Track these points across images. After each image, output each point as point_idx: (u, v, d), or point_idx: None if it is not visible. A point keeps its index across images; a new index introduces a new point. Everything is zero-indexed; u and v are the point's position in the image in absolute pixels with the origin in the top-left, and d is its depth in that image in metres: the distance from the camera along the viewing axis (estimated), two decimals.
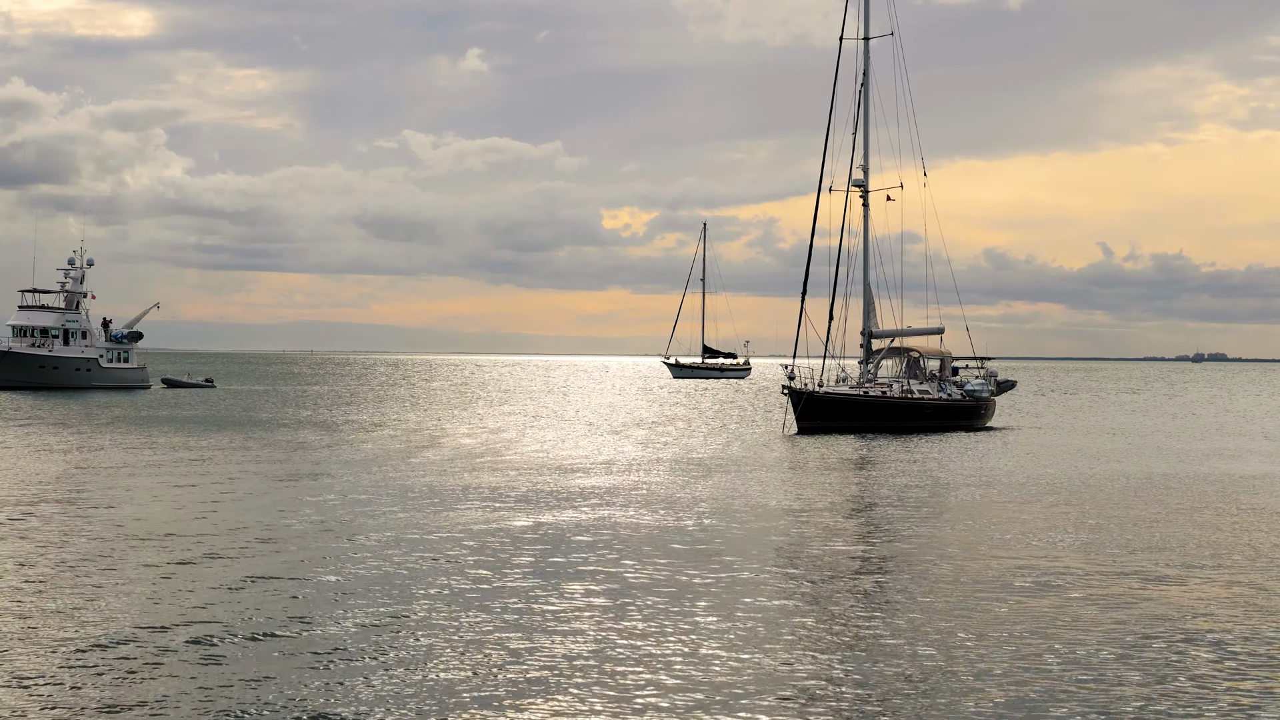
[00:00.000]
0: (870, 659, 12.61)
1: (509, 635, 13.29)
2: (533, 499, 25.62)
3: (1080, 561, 18.60)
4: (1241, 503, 26.62)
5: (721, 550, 19.24)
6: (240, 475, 29.87)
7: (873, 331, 56.77)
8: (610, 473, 31.78)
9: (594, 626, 13.81)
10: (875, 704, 11.08)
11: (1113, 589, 16.44)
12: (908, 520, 23.20)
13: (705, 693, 11.31)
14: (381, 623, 13.78)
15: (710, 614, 14.49)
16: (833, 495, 27.34)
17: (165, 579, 16.22)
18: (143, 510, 23.04)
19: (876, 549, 19.84)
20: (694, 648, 12.89)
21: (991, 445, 43.35)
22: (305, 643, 12.91)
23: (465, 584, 16.12)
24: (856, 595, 15.95)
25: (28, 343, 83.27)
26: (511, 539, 20.05)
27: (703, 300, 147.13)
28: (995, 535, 21.26)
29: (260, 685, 11.34)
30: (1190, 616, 14.77)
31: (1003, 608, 15.08)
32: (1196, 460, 37.90)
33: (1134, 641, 13.45)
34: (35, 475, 28.89)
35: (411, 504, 24.32)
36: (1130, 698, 11.35)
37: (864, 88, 56.20)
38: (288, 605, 14.68)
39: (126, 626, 13.46)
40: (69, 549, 18.47)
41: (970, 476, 31.78)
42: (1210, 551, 19.76)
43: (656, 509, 24.24)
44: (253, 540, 19.50)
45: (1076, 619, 14.52)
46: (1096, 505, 25.77)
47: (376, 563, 17.61)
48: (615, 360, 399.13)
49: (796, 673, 12.01)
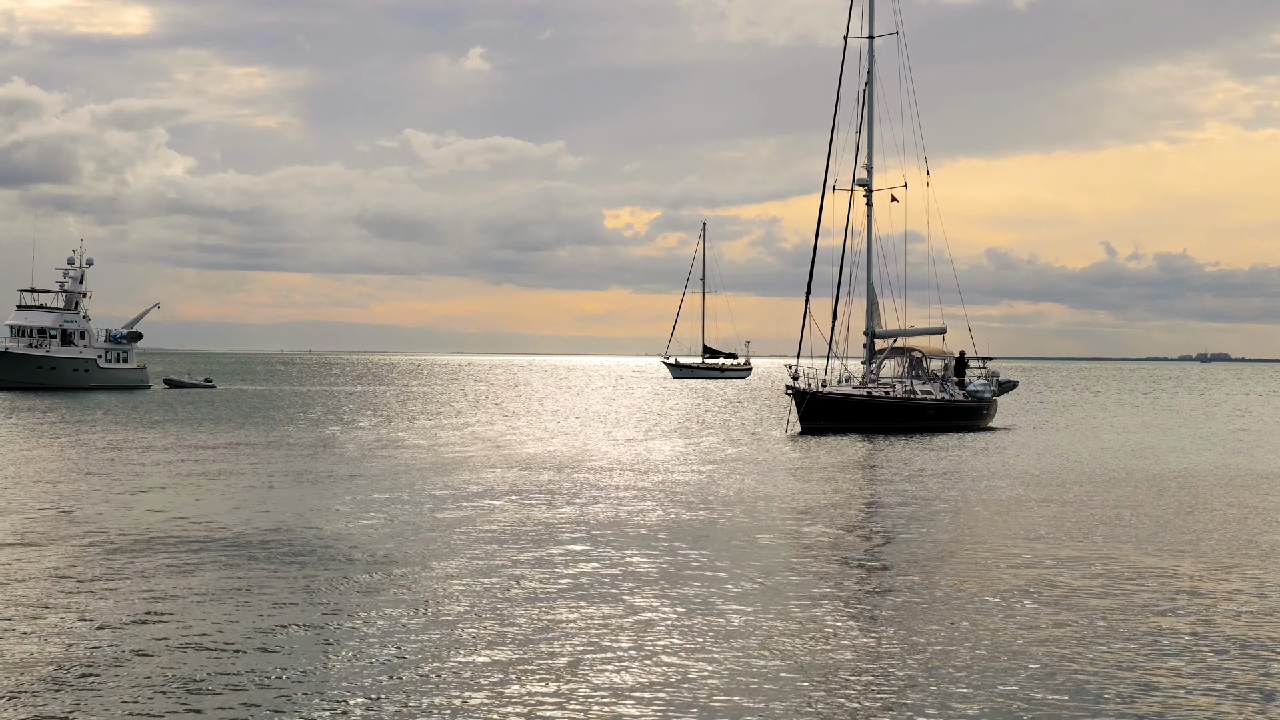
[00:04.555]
0: (873, 658, 12.53)
1: (510, 633, 13.12)
2: (534, 499, 25.48)
3: (1082, 559, 18.45)
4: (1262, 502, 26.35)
5: (726, 549, 19.09)
6: (257, 475, 29.66)
7: (875, 331, 56.59)
8: (613, 472, 31.61)
9: (595, 626, 13.65)
10: (878, 703, 10.97)
11: (1117, 588, 16.24)
12: (912, 520, 23.06)
13: (707, 692, 11.16)
14: (408, 614, 13.68)
15: (712, 613, 14.35)
16: (840, 495, 27.21)
17: (166, 579, 16.02)
18: (147, 509, 22.89)
19: (880, 548, 19.71)
20: (695, 647, 12.76)
21: (996, 445, 43.18)
22: (327, 640, 12.75)
23: (468, 581, 15.95)
24: (860, 594, 15.81)
25: (25, 343, 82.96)
26: (513, 538, 19.94)
27: (702, 300, 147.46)
28: (997, 535, 21.14)
29: (268, 683, 11.17)
30: (1209, 614, 14.55)
31: (1006, 607, 14.92)
32: (1215, 458, 37.61)
33: (1141, 641, 13.27)
34: (26, 475, 28.69)
35: (427, 501, 24.24)
36: (1140, 695, 11.18)
37: (868, 87, 55.99)
38: (306, 600, 14.54)
39: (131, 627, 13.28)
40: (67, 552, 18.28)
41: (974, 476, 31.64)
42: (1226, 551, 19.52)
43: (663, 508, 24.13)
44: (268, 538, 19.31)
45: (1081, 619, 14.33)
46: (1102, 503, 25.57)
47: (390, 558, 17.48)
48: (615, 360, 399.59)
49: (799, 672, 11.88)
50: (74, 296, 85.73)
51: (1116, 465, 35.74)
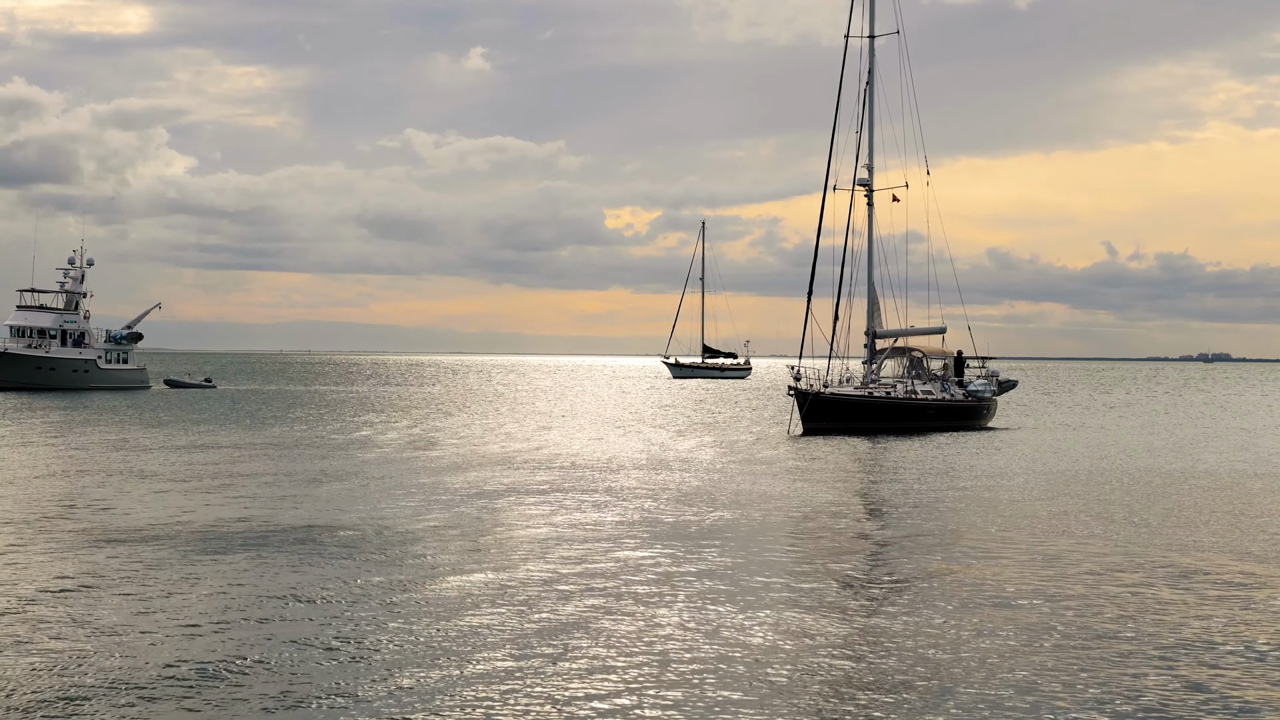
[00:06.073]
0: (877, 657, 12.52)
1: (511, 633, 13.10)
2: (536, 499, 25.47)
3: (1081, 557, 18.43)
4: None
5: (732, 549, 19.06)
6: (264, 475, 29.58)
7: (877, 331, 56.55)
8: (616, 472, 31.57)
9: (596, 626, 13.63)
10: (880, 702, 10.94)
11: (1122, 587, 16.20)
12: (914, 519, 23.06)
13: (708, 691, 11.13)
14: (411, 612, 13.66)
15: (715, 613, 14.32)
16: (844, 496, 27.20)
17: (165, 580, 15.97)
18: (154, 510, 22.83)
19: (883, 548, 19.71)
20: (696, 647, 12.73)
21: (996, 445, 43.17)
22: (330, 639, 12.72)
23: (470, 581, 15.93)
24: (864, 594, 15.77)
25: (25, 343, 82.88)
26: (516, 538, 19.93)
27: (702, 300, 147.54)
28: (999, 534, 21.13)
29: (279, 677, 11.14)
30: (1211, 614, 14.49)
31: (1009, 606, 14.87)
32: (1217, 458, 37.58)
33: (1142, 640, 13.23)
34: (25, 476, 28.66)
35: (433, 500, 24.24)
36: (1142, 695, 11.15)
37: (869, 86, 55.90)
38: (314, 601, 14.52)
39: (134, 621, 13.26)
40: (67, 551, 18.25)
41: (975, 476, 31.63)
42: (1235, 548, 19.47)
43: (668, 509, 24.10)
44: (263, 535, 19.29)
45: (1082, 618, 14.28)
46: (1102, 502, 25.54)
47: (394, 559, 17.45)
48: (614, 361, 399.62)
49: (801, 671, 11.83)
50: (74, 297, 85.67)
51: (1117, 465, 35.69)
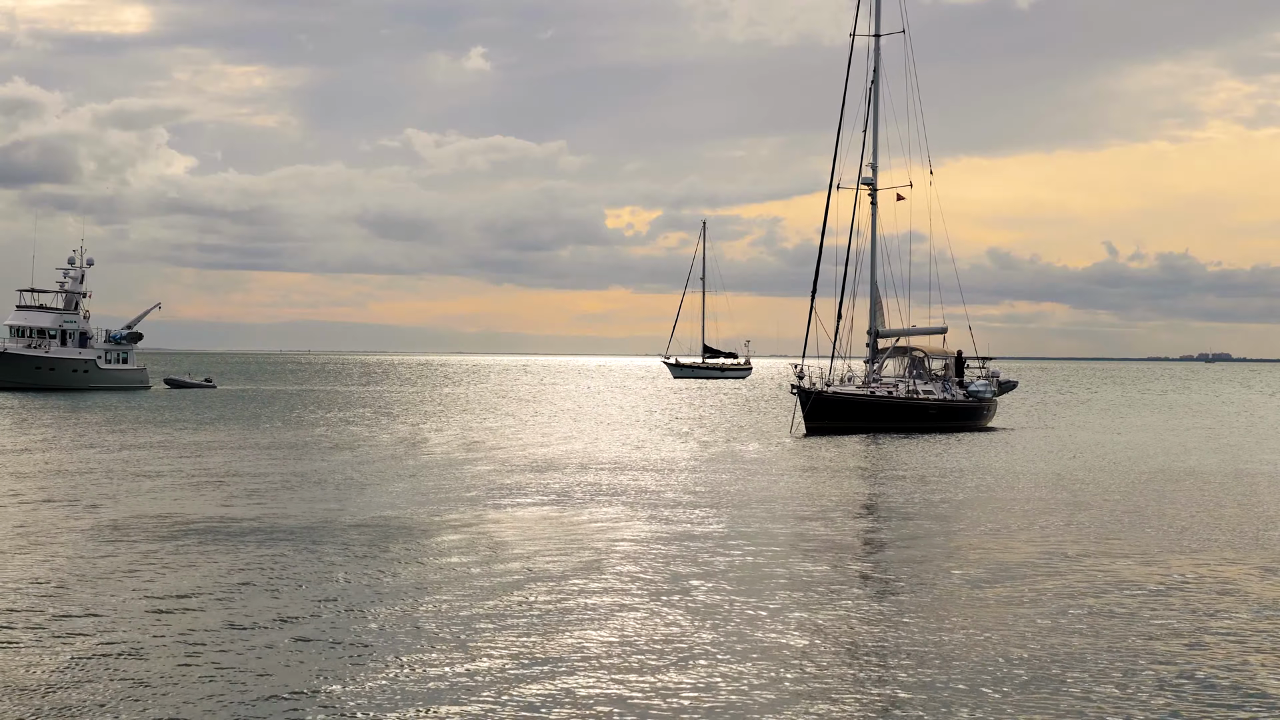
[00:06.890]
0: (879, 656, 12.52)
1: (514, 633, 13.04)
2: (538, 500, 25.46)
3: (1084, 557, 18.40)
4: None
5: (736, 549, 19.01)
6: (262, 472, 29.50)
7: (879, 331, 56.51)
8: (618, 473, 31.55)
9: (598, 625, 13.61)
10: (881, 701, 10.94)
11: (1123, 586, 16.14)
12: (915, 519, 23.04)
13: (709, 690, 11.08)
14: (416, 617, 13.62)
15: (717, 613, 14.29)
16: (847, 495, 27.19)
17: (167, 581, 15.93)
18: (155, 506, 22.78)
19: (885, 548, 19.67)
20: (697, 647, 12.70)
21: (996, 445, 43.16)
22: (337, 637, 12.66)
23: (472, 581, 15.89)
24: (867, 593, 15.72)
25: (25, 343, 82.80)
26: (518, 538, 19.90)
27: (702, 300, 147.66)
28: (1001, 534, 21.10)
29: (282, 680, 11.06)
30: (1210, 613, 14.45)
31: (1011, 606, 14.83)
32: (1221, 456, 37.52)
33: (1143, 641, 13.20)
34: (26, 475, 28.66)
35: (433, 500, 24.22)
36: (1143, 694, 11.09)
37: (874, 85, 55.78)
38: (319, 599, 14.46)
39: (138, 619, 13.20)
40: (69, 550, 18.19)
41: (976, 475, 31.63)
42: (1230, 547, 19.41)
43: (671, 509, 24.08)
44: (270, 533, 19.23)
45: (1083, 617, 14.24)
46: (1102, 501, 25.50)
47: (397, 557, 17.44)
48: (614, 361, 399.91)
49: (804, 671, 11.79)
50: (74, 297, 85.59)
51: (1116, 464, 35.68)
